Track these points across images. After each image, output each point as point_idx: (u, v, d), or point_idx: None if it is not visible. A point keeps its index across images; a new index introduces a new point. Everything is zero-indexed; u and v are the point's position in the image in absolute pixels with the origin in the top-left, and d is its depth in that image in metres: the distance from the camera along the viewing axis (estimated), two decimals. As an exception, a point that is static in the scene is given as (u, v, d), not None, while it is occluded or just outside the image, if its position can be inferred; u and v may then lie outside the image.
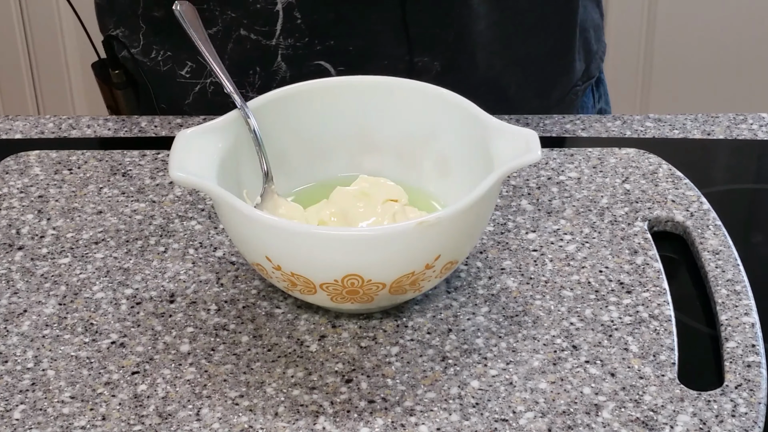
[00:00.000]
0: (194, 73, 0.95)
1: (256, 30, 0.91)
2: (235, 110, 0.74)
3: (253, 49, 0.92)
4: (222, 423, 0.65)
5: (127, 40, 0.97)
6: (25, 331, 0.71)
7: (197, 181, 0.68)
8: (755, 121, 0.92)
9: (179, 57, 0.95)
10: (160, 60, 0.96)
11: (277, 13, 0.90)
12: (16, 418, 0.65)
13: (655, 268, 0.75)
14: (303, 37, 0.91)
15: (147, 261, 0.77)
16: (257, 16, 0.91)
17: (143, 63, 0.97)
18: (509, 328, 0.71)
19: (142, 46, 0.96)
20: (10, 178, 0.85)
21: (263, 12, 0.90)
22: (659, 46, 1.96)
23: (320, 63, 0.93)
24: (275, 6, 0.90)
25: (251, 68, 0.93)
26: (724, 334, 0.70)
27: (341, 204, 0.73)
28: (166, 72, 0.96)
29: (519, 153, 0.69)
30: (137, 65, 0.98)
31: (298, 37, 0.91)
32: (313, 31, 0.91)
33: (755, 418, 0.64)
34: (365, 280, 0.66)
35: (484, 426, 0.64)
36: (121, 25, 0.97)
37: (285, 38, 0.91)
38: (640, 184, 0.82)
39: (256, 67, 0.93)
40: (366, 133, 0.78)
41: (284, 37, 0.91)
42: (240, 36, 0.92)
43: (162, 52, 0.96)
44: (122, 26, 0.97)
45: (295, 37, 0.91)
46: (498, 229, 0.78)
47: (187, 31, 0.77)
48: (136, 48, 0.96)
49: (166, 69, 0.96)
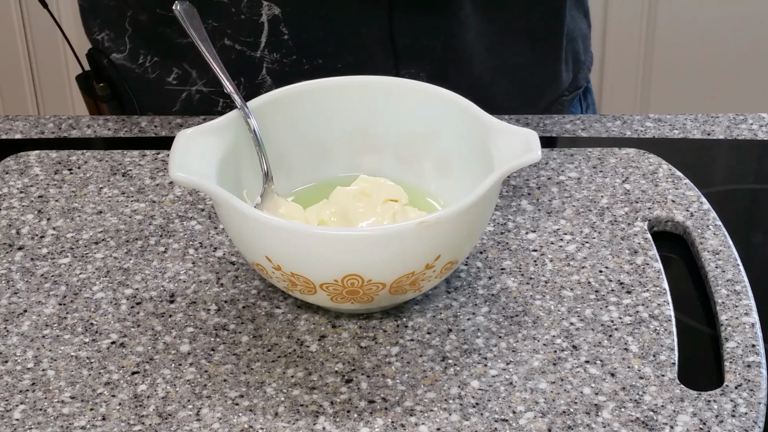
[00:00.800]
0: (180, 80, 0.94)
1: (240, 41, 0.90)
2: (235, 110, 0.74)
3: (237, 59, 0.91)
4: (222, 423, 0.65)
5: (113, 44, 0.95)
6: (25, 331, 0.71)
7: (197, 181, 0.68)
8: (755, 121, 0.92)
9: (166, 63, 0.94)
10: (149, 66, 0.94)
11: (261, 24, 0.89)
12: (16, 418, 0.65)
13: (655, 268, 0.75)
14: (290, 54, 0.91)
15: (147, 261, 0.77)
16: (241, 26, 0.90)
17: (131, 70, 0.95)
18: (509, 328, 0.71)
19: (129, 50, 0.95)
20: (10, 178, 0.85)
21: (247, 23, 0.89)
22: (659, 46, 1.96)
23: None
24: (260, 18, 0.89)
25: (236, 79, 0.91)
26: (724, 334, 0.70)
27: (341, 204, 0.73)
28: (155, 79, 0.94)
29: (519, 153, 0.69)
30: (123, 73, 0.96)
31: (284, 53, 0.90)
32: (301, 50, 0.90)
33: (755, 418, 0.64)
34: (365, 280, 0.66)
35: (484, 426, 0.64)
36: (106, 28, 0.95)
37: (270, 52, 0.90)
38: (640, 184, 0.82)
39: (241, 78, 0.92)
40: (366, 133, 0.78)
41: (269, 51, 0.90)
42: (224, 45, 0.91)
43: (149, 57, 0.94)
44: (107, 29, 0.95)
45: (281, 52, 0.90)
46: (498, 229, 0.78)
47: (187, 31, 0.77)
48: (122, 53, 0.95)
49: (155, 76, 0.94)
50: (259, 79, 0.92)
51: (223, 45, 0.91)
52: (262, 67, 0.91)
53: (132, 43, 0.95)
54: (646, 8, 1.93)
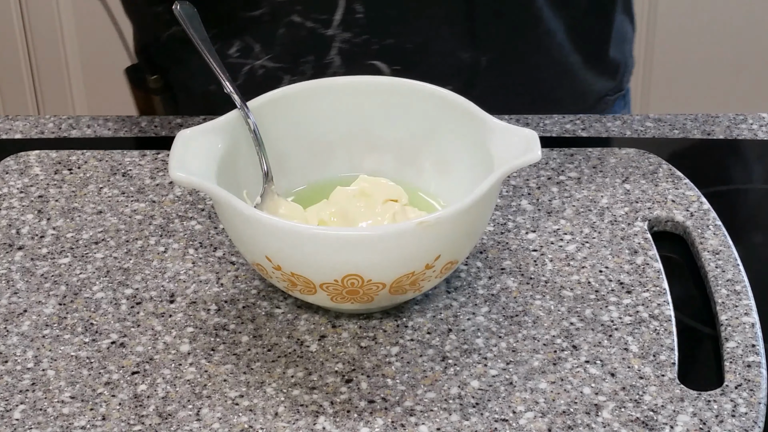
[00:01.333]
0: (243, 52, 0.93)
1: (313, 18, 0.90)
2: (235, 110, 0.74)
3: (307, 36, 0.90)
4: (222, 423, 0.65)
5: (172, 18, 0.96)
6: (25, 331, 0.71)
7: (197, 181, 0.68)
8: (755, 121, 0.92)
9: (226, 36, 0.94)
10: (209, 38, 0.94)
11: (336, 1, 0.89)
12: (16, 418, 0.65)
13: (655, 268, 0.75)
14: (362, 33, 0.90)
15: (147, 261, 0.77)
16: (315, 3, 0.89)
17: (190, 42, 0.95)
18: (509, 328, 0.71)
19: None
20: (10, 178, 0.85)
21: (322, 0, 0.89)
22: (659, 46, 1.96)
23: (375, 63, 0.91)
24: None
25: (303, 56, 0.91)
26: (724, 334, 0.70)
27: (341, 204, 0.73)
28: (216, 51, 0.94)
29: (519, 153, 0.69)
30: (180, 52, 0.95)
31: (357, 32, 0.90)
32: (373, 29, 0.90)
33: (755, 418, 0.64)
34: (365, 280, 0.66)
35: (484, 426, 0.64)
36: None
37: (343, 30, 0.90)
38: (640, 184, 0.82)
39: (309, 57, 0.91)
40: (366, 133, 0.78)
41: (342, 29, 0.90)
42: (291, 22, 0.90)
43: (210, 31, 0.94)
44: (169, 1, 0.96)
45: (353, 31, 0.90)
46: (498, 229, 0.78)
47: (187, 31, 0.77)
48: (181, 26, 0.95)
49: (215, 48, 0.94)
50: (328, 59, 0.91)
51: (290, 22, 0.90)
52: (332, 45, 0.91)
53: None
54: (646, 8, 1.93)
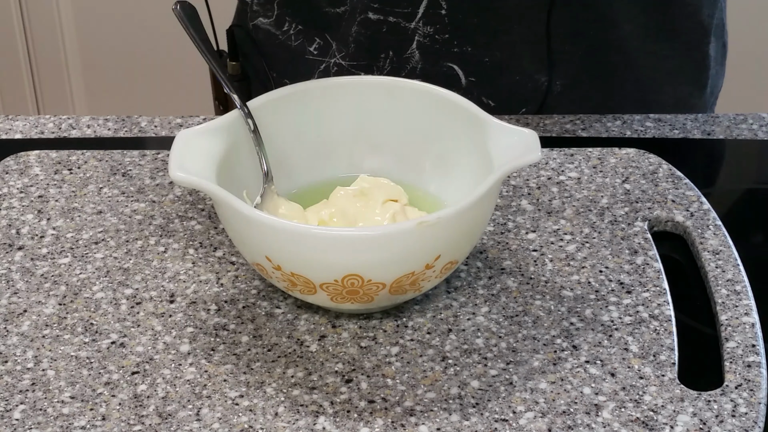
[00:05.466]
0: (321, 50, 0.94)
1: (396, 12, 0.90)
2: (235, 110, 0.74)
3: (388, 31, 0.91)
4: (222, 423, 0.65)
5: (261, 8, 0.97)
6: (25, 331, 0.71)
7: (197, 181, 0.68)
8: (755, 121, 0.93)
9: (309, 32, 0.94)
10: (292, 34, 0.94)
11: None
12: (16, 418, 0.65)
13: (655, 268, 0.75)
14: (443, 31, 0.90)
15: (147, 261, 0.77)
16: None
17: (274, 36, 0.96)
18: (509, 328, 0.71)
19: (276, 16, 0.95)
20: (10, 178, 0.85)
21: None
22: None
23: (453, 66, 0.92)
24: None
25: (383, 52, 0.91)
26: (724, 334, 0.70)
27: (341, 204, 0.73)
28: (296, 48, 0.95)
29: (519, 153, 0.69)
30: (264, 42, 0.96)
31: (438, 29, 0.90)
32: (455, 29, 0.90)
33: (755, 418, 0.64)
34: (365, 280, 0.66)
35: (484, 426, 0.64)
36: None
37: (425, 24, 0.90)
38: (640, 184, 0.82)
39: (389, 51, 0.91)
40: (366, 133, 0.78)
41: (424, 23, 0.90)
42: (367, 19, 0.91)
43: (294, 25, 0.95)
44: None
45: (435, 27, 0.90)
46: (498, 229, 0.78)
47: (187, 31, 0.77)
48: (269, 18, 0.95)
49: (297, 44, 0.94)
50: (408, 53, 0.91)
51: (365, 19, 0.91)
52: (413, 39, 0.91)
53: (280, 9, 0.96)
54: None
